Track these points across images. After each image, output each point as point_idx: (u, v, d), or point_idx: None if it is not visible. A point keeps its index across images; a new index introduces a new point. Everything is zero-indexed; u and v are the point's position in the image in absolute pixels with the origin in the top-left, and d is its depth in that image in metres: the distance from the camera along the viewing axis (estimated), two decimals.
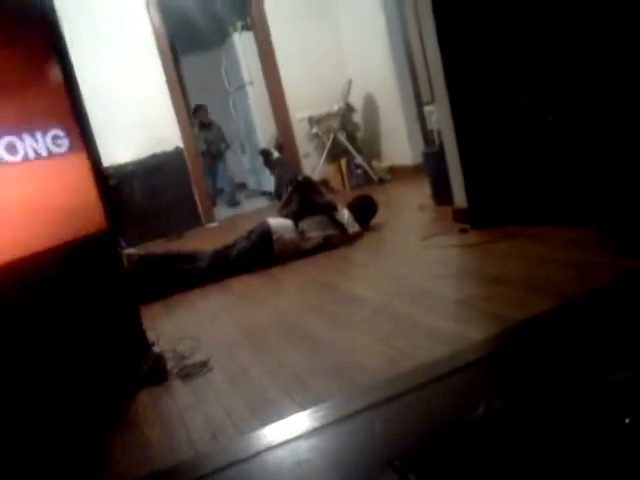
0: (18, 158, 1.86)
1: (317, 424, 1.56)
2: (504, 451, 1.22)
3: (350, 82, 6.26)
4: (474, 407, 1.37)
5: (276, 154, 6.44)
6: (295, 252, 3.54)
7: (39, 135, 1.92)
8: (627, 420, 1.17)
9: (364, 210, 3.90)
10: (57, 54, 2.06)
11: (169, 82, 6.03)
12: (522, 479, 1.12)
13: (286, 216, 3.81)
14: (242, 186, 8.80)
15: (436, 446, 1.31)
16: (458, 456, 1.25)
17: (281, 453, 1.48)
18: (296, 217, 3.74)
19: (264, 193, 7.49)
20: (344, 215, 3.73)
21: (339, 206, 3.79)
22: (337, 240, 3.64)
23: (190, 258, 3.61)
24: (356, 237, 3.71)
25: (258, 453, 1.49)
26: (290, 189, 4.07)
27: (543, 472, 1.12)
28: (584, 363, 1.52)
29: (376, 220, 3.98)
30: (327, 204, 3.79)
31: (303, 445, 1.49)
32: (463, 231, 3.20)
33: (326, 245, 3.62)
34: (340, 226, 3.67)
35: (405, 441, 1.37)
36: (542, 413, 1.33)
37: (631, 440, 1.14)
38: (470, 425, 1.33)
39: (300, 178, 4.15)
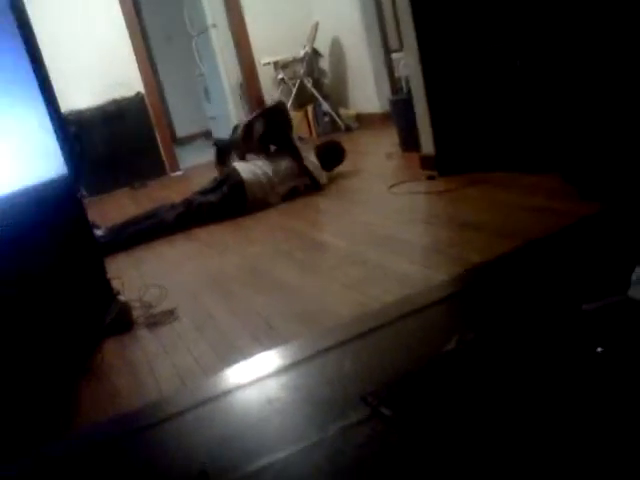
0: None
1: (287, 362, 1.56)
2: (477, 383, 1.24)
3: (316, 26, 6.09)
4: (446, 340, 1.38)
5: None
6: (265, 201, 3.50)
7: None
8: (599, 349, 1.20)
9: (331, 155, 3.86)
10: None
11: (129, 26, 5.79)
12: (496, 410, 1.14)
13: (249, 151, 3.73)
14: (206, 134, 8.62)
15: (409, 379, 1.32)
16: (431, 389, 1.27)
17: (250, 391, 1.48)
18: (260, 145, 3.69)
19: (230, 142, 7.32)
20: (313, 162, 3.67)
21: (305, 154, 3.73)
22: (305, 187, 3.61)
23: (156, 214, 3.54)
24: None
25: (227, 392, 1.49)
26: (255, 114, 3.93)
27: (516, 402, 1.14)
28: (554, 296, 1.54)
29: (343, 168, 3.94)
30: (297, 149, 3.71)
31: (273, 383, 1.49)
32: (431, 178, 3.19)
33: (294, 192, 3.58)
34: (310, 176, 3.63)
35: (377, 376, 1.38)
36: (514, 344, 1.35)
37: (603, 368, 1.17)
38: (443, 358, 1.35)
39: (272, 103, 4.02)
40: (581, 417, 1.06)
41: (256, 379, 1.51)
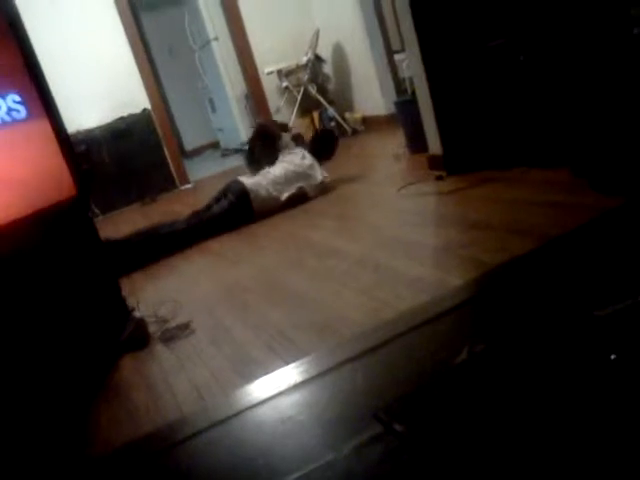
0: None
1: (299, 379, 1.55)
2: (489, 394, 1.22)
3: (318, 32, 6.11)
4: (457, 352, 1.37)
5: None
6: (273, 207, 3.52)
7: None
8: (613, 356, 1.18)
9: (324, 144, 3.90)
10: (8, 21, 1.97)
11: (131, 42, 5.83)
12: (509, 421, 1.12)
13: (257, 171, 3.78)
14: (214, 145, 8.66)
15: (421, 394, 1.31)
16: (443, 402, 1.25)
17: (264, 411, 1.47)
18: (268, 163, 3.81)
19: (237, 151, 7.37)
20: (305, 164, 3.72)
21: (299, 150, 3.81)
22: (310, 189, 3.64)
23: (167, 225, 3.56)
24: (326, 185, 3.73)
25: (241, 412, 1.49)
26: (250, 137, 4.08)
27: (530, 413, 1.13)
28: (566, 301, 1.52)
29: (351, 171, 3.94)
30: (283, 147, 3.84)
31: (286, 401, 1.48)
32: (439, 178, 3.18)
33: (300, 197, 3.60)
34: (308, 175, 3.67)
35: (389, 391, 1.37)
36: (526, 354, 1.33)
37: (617, 376, 1.15)
38: (454, 370, 1.33)
39: (256, 124, 4.15)
40: (597, 428, 1.04)
41: (268, 397, 1.51)
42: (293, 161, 3.71)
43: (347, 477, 1.12)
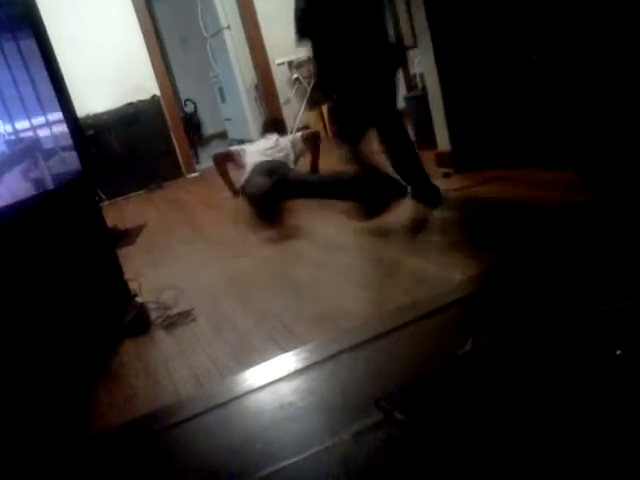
0: None
1: (300, 365, 1.55)
2: (492, 386, 1.22)
3: None
4: (461, 343, 1.36)
5: None
6: None
7: None
8: (618, 352, 1.17)
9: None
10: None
11: (143, 29, 5.83)
12: (511, 414, 1.12)
13: None
14: (222, 135, 8.65)
15: (423, 383, 1.31)
16: (445, 393, 1.25)
17: (264, 395, 1.47)
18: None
19: (243, 142, 7.35)
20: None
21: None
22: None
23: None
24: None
25: (240, 396, 1.49)
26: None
27: (533, 405, 1.12)
28: (572, 296, 1.52)
29: None
30: None
31: (286, 387, 1.48)
32: (446, 175, 3.16)
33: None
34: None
35: (390, 380, 1.37)
36: (531, 347, 1.32)
37: (623, 371, 1.14)
38: (458, 361, 1.33)
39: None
40: (601, 421, 1.04)
41: (269, 383, 1.51)
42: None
43: (345, 462, 1.12)
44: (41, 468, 1.44)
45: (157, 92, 5.86)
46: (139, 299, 2.24)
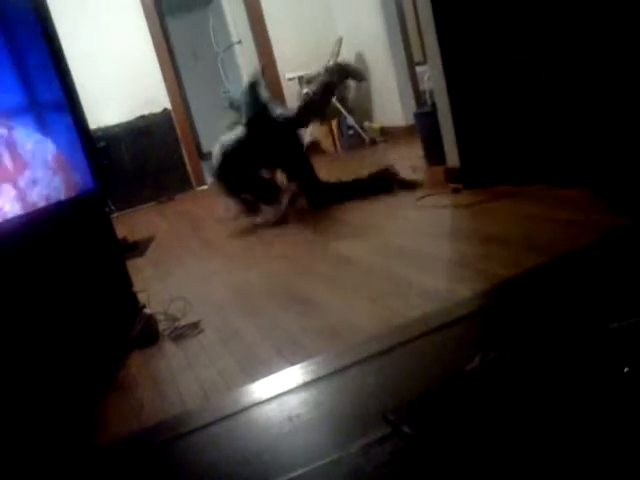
0: None
1: (308, 378, 1.55)
2: (500, 402, 1.22)
3: (340, 41, 6.13)
4: (469, 359, 1.36)
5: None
6: None
7: None
8: (626, 369, 1.16)
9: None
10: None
11: (156, 44, 5.92)
12: (518, 430, 1.12)
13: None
14: None
15: (431, 398, 1.30)
16: (453, 407, 1.25)
17: (271, 408, 1.47)
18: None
19: None
20: None
21: None
22: None
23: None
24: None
25: (247, 408, 1.49)
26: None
27: (540, 422, 1.12)
28: (579, 313, 1.51)
29: None
30: None
31: (294, 400, 1.48)
32: (456, 191, 3.17)
33: None
34: None
35: (398, 394, 1.36)
36: (539, 363, 1.32)
37: (631, 389, 1.13)
38: (466, 376, 1.32)
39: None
40: (609, 439, 1.03)
41: (277, 395, 1.50)
42: None
43: (354, 475, 1.11)
44: (50, 479, 1.44)
45: (168, 105, 5.92)
46: (148, 310, 2.25)
